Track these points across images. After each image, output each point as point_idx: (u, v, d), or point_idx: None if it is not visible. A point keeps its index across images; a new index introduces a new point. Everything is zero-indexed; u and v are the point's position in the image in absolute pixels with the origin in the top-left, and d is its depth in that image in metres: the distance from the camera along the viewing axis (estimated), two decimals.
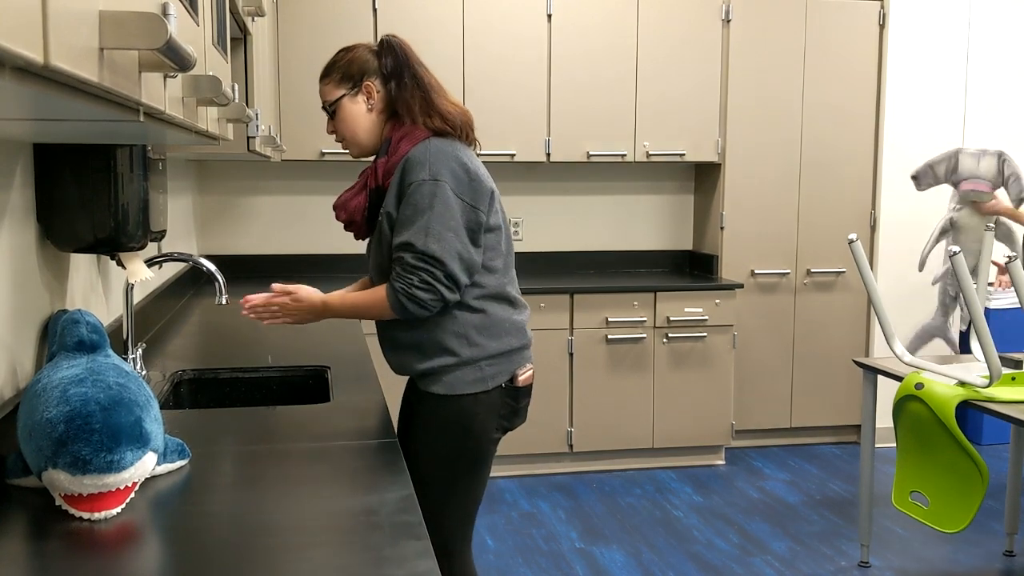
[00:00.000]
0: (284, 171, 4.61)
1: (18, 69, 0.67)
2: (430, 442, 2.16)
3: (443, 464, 2.17)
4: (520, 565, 3.48)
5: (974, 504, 2.82)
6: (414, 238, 2.05)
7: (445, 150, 2.11)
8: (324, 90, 2.21)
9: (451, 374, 2.14)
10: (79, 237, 1.87)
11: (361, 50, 2.20)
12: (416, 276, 2.05)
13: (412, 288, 2.05)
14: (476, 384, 2.15)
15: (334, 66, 2.20)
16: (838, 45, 4.77)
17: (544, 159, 4.54)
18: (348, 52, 2.21)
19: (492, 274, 2.18)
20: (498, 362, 2.17)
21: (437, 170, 2.07)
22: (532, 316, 4.32)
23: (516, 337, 2.22)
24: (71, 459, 1.34)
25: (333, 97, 2.19)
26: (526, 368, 2.24)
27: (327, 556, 1.26)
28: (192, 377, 2.48)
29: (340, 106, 2.18)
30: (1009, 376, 2.93)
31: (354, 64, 2.18)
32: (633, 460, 4.57)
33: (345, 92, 2.18)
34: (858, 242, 3.22)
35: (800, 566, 3.48)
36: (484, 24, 4.41)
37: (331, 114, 2.21)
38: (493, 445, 2.24)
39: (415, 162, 2.08)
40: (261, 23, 3.27)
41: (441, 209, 2.05)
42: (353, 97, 2.18)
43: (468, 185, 2.10)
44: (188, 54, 0.92)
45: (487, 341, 2.16)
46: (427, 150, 2.09)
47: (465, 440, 2.18)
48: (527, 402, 2.29)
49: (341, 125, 2.20)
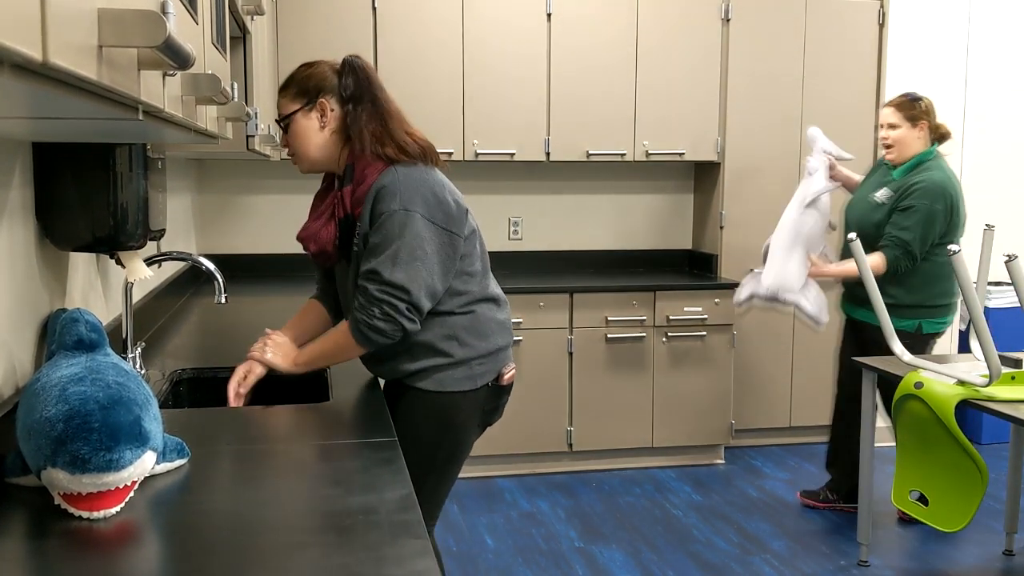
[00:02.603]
0: (283, 170, 4.61)
1: (17, 66, 0.66)
2: (409, 432, 2.16)
3: (420, 454, 2.19)
4: (520, 564, 3.48)
5: (973, 503, 2.82)
6: (381, 267, 2.06)
7: (413, 176, 2.10)
8: (280, 103, 2.20)
9: (443, 372, 2.18)
10: (78, 236, 1.86)
11: (322, 67, 2.19)
12: (378, 308, 2.06)
13: (374, 320, 2.07)
14: (465, 382, 2.20)
15: (292, 80, 2.19)
16: (838, 44, 4.76)
17: (544, 158, 4.54)
18: (308, 68, 2.19)
19: (473, 278, 2.21)
20: (487, 362, 2.23)
21: (409, 199, 2.06)
22: (531, 315, 4.34)
23: (501, 336, 2.27)
24: (70, 458, 1.34)
25: (287, 111, 2.18)
26: (509, 367, 2.31)
27: (326, 555, 1.25)
28: (191, 376, 2.48)
29: (293, 121, 2.17)
30: (1009, 375, 2.93)
31: (312, 80, 2.16)
32: (633, 459, 4.57)
33: (299, 107, 2.16)
34: (857, 241, 3.22)
35: (799, 565, 3.48)
36: (484, 23, 4.41)
37: (284, 128, 2.21)
38: (471, 441, 2.31)
39: (386, 192, 2.07)
40: (260, 22, 3.27)
41: (411, 239, 2.05)
42: (307, 113, 2.16)
43: (440, 209, 2.10)
44: (187, 52, 0.92)
45: (477, 341, 2.21)
46: (396, 179, 2.08)
47: (446, 434, 2.22)
48: (506, 399, 2.36)
49: (292, 140, 2.20)
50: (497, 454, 4.37)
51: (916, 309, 3.61)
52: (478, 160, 4.47)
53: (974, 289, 2.85)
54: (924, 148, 3.66)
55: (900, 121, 3.65)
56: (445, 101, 4.39)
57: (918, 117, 3.64)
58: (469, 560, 3.50)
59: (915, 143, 3.65)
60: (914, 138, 3.64)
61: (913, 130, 3.64)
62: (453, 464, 2.28)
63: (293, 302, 2.96)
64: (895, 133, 3.66)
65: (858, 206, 3.78)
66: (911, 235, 3.53)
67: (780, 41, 4.70)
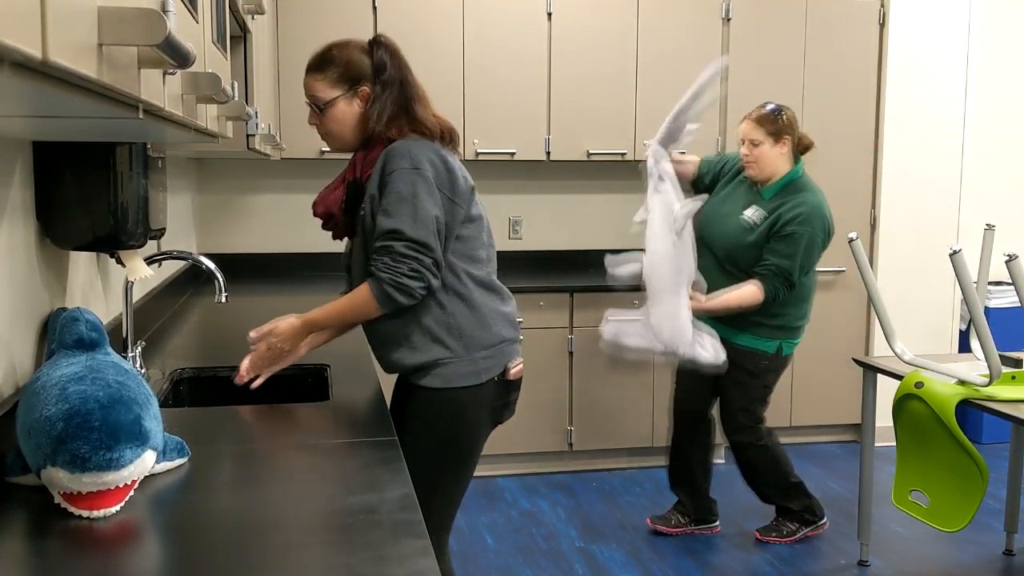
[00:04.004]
0: (284, 169, 4.61)
1: (17, 65, 0.66)
2: (420, 433, 2.16)
3: (432, 456, 2.18)
4: (520, 564, 3.48)
5: (974, 503, 2.82)
6: (403, 225, 2.04)
7: (424, 144, 2.12)
8: (316, 86, 2.17)
9: (446, 367, 2.15)
10: (78, 235, 1.86)
11: (355, 50, 2.17)
12: (406, 265, 2.04)
13: (401, 277, 2.04)
14: (470, 377, 2.16)
15: (330, 64, 2.16)
16: (838, 44, 4.76)
17: (544, 158, 4.54)
18: (342, 50, 2.17)
19: (476, 263, 2.19)
20: (491, 355, 2.19)
21: (418, 160, 2.07)
22: (532, 315, 4.34)
23: (505, 329, 2.23)
24: (70, 457, 1.34)
25: (327, 96, 2.16)
26: (516, 361, 2.26)
27: (327, 554, 1.25)
28: (191, 375, 2.48)
29: (334, 106, 2.17)
30: (1009, 375, 2.93)
31: (352, 67, 2.16)
32: (633, 459, 4.57)
33: (341, 93, 2.16)
34: (858, 241, 3.21)
35: (800, 565, 3.48)
36: (484, 23, 4.40)
37: (319, 110, 2.19)
38: (482, 438, 2.27)
39: (396, 152, 2.08)
40: (261, 21, 3.27)
41: (424, 196, 2.05)
42: (349, 100, 2.16)
43: (447, 178, 2.11)
44: (187, 51, 0.92)
45: (478, 332, 2.17)
46: (407, 143, 2.10)
47: (455, 432, 2.20)
48: (516, 396, 2.31)
49: (330, 123, 2.19)
50: (497, 453, 4.36)
51: (778, 331, 3.46)
52: (478, 160, 4.46)
53: (974, 289, 2.85)
54: (789, 165, 3.41)
55: (762, 137, 3.38)
56: (445, 101, 4.37)
57: (782, 131, 3.37)
58: (469, 560, 3.50)
59: (779, 160, 3.39)
60: (777, 155, 3.38)
61: (776, 146, 3.37)
62: (466, 463, 2.25)
63: (293, 302, 2.97)
64: (757, 150, 3.39)
65: (723, 224, 3.46)
66: (791, 264, 3.31)
67: (780, 41, 4.70)
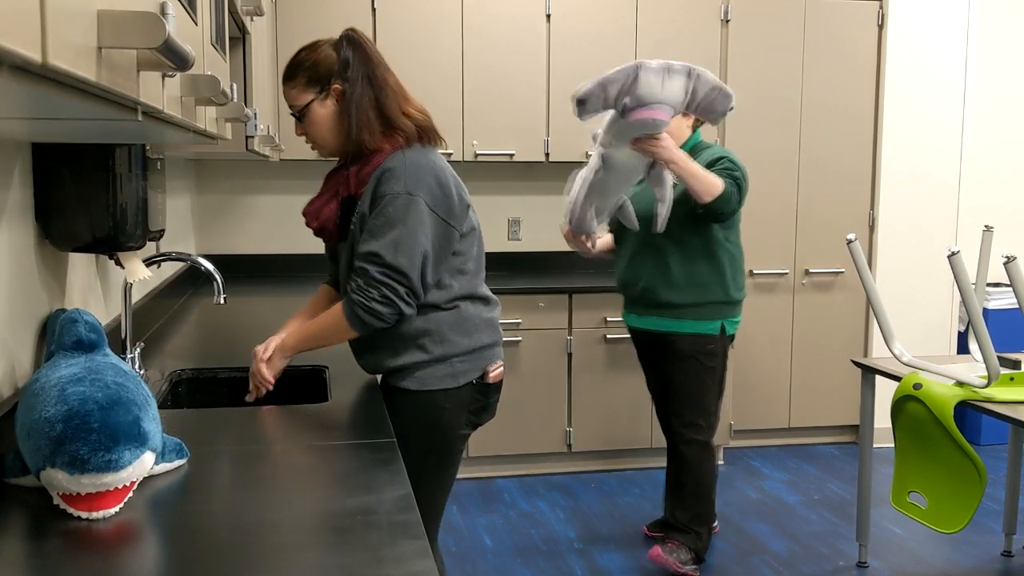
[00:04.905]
0: (282, 170, 4.61)
1: (16, 68, 0.66)
2: (399, 436, 2.16)
3: (411, 459, 2.17)
4: (519, 565, 3.48)
5: (972, 504, 2.82)
6: (383, 250, 2.03)
7: (421, 163, 2.08)
8: (290, 94, 2.15)
9: (422, 370, 2.15)
10: (77, 236, 1.86)
11: (324, 48, 2.14)
12: (377, 291, 2.04)
13: (372, 303, 2.04)
14: (446, 380, 2.16)
15: (299, 68, 2.14)
16: (837, 45, 4.77)
17: (543, 159, 4.54)
18: (311, 52, 2.14)
19: (463, 276, 2.19)
20: (470, 359, 2.19)
21: (414, 184, 2.05)
22: (530, 316, 4.34)
23: (487, 334, 2.23)
24: (69, 458, 1.34)
25: (302, 102, 2.14)
26: (496, 365, 2.26)
27: (325, 555, 1.26)
28: (190, 376, 2.48)
29: (310, 111, 2.14)
30: (1007, 376, 2.93)
31: (320, 66, 2.12)
32: (631, 460, 4.57)
33: (314, 97, 2.13)
34: (857, 242, 3.22)
35: (798, 566, 3.48)
36: (483, 24, 4.41)
37: (299, 118, 2.17)
38: (461, 441, 2.27)
39: (391, 174, 2.06)
40: (260, 22, 3.27)
41: (414, 224, 2.04)
42: (323, 101, 2.13)
43: (443, 200, 2.09)
44: (186, 53, 0.92)
45: (459, 338, 2.17)
46: (402, 162, 2.07)
47: (433, 435, 2.19)
48: (496, 398, 2.31)
49: (312, 129, 2.16)
50: (496, 455, 4.37)
51: (717, 309, 3.31)
52: (478, 160, 4.47)
53: (973, 290, 2.85)
54: (689, 132, 3.38)
55: None
56: (445, 101, 4.39)
57: None
58: (468, 560, 3.50)
59: (684, 129, 3.36)
60: (685, 126, 3.37)
61: (684, 120, 3.35)
62: (446, 466, 2.25)
63: (292, 302, 2.97)
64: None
65: (645, 196, 3.35)
66: (740, 174, 3.15)
67: (779, 42, 4.71)
